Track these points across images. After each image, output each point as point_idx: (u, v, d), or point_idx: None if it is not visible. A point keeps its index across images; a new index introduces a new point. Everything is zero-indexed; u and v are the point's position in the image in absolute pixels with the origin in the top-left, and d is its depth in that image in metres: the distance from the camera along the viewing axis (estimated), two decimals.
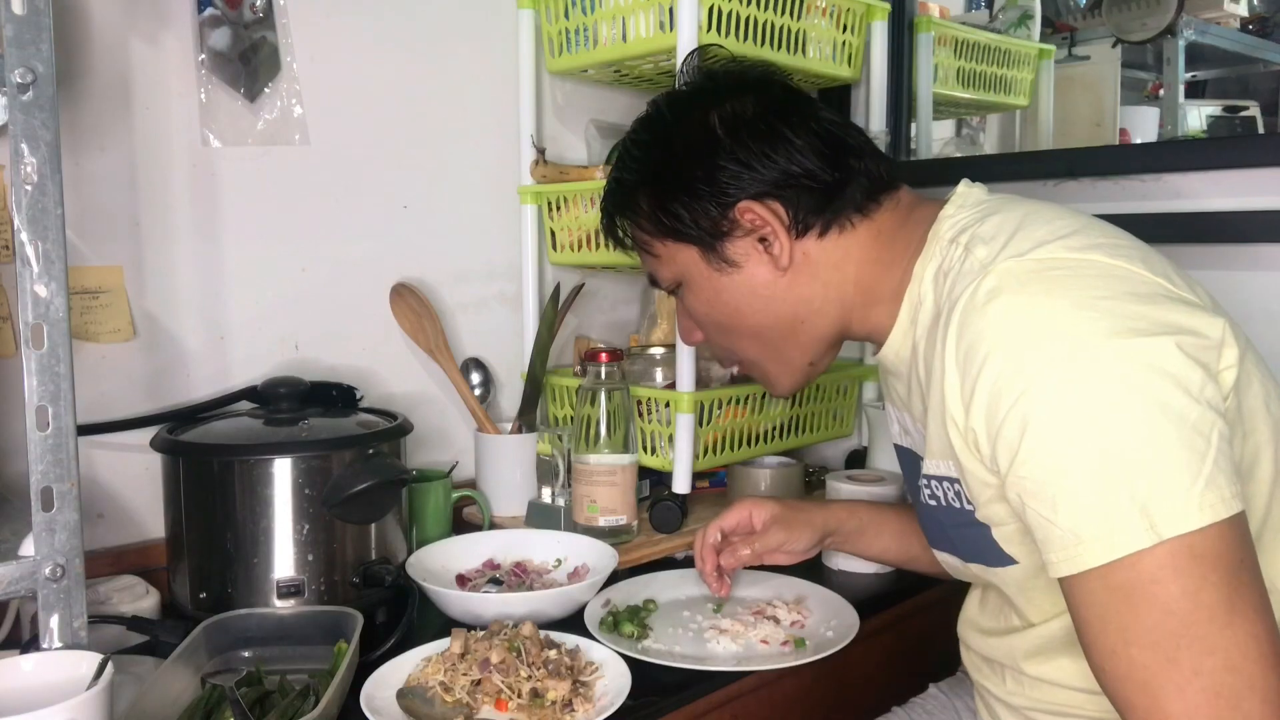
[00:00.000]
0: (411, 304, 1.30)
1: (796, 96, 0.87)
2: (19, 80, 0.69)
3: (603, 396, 1.21)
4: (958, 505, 0.77)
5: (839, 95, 1.57)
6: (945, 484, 0.77)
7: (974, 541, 0.77)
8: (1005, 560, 0.76)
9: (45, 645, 0.75)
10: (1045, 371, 0.62)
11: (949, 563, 0.87)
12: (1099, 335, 0.62)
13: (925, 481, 0.80)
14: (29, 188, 0.71)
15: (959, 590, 1.23)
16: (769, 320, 0.86)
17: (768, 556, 1.02)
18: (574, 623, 0.99)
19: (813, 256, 0.83)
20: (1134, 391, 0.60)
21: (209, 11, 1.13)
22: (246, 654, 0.91)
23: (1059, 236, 0.69)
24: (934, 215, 0.79)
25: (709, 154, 0.82)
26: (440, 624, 0.99)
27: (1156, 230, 0.96)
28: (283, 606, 0.97)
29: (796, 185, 0.81)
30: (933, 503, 0.81)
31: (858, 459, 1.46)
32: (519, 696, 0.83)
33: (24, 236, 0.71)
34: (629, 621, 0.99)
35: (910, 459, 0.89)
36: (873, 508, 1.09)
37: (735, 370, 1.34)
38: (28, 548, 0.74)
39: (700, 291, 0.87)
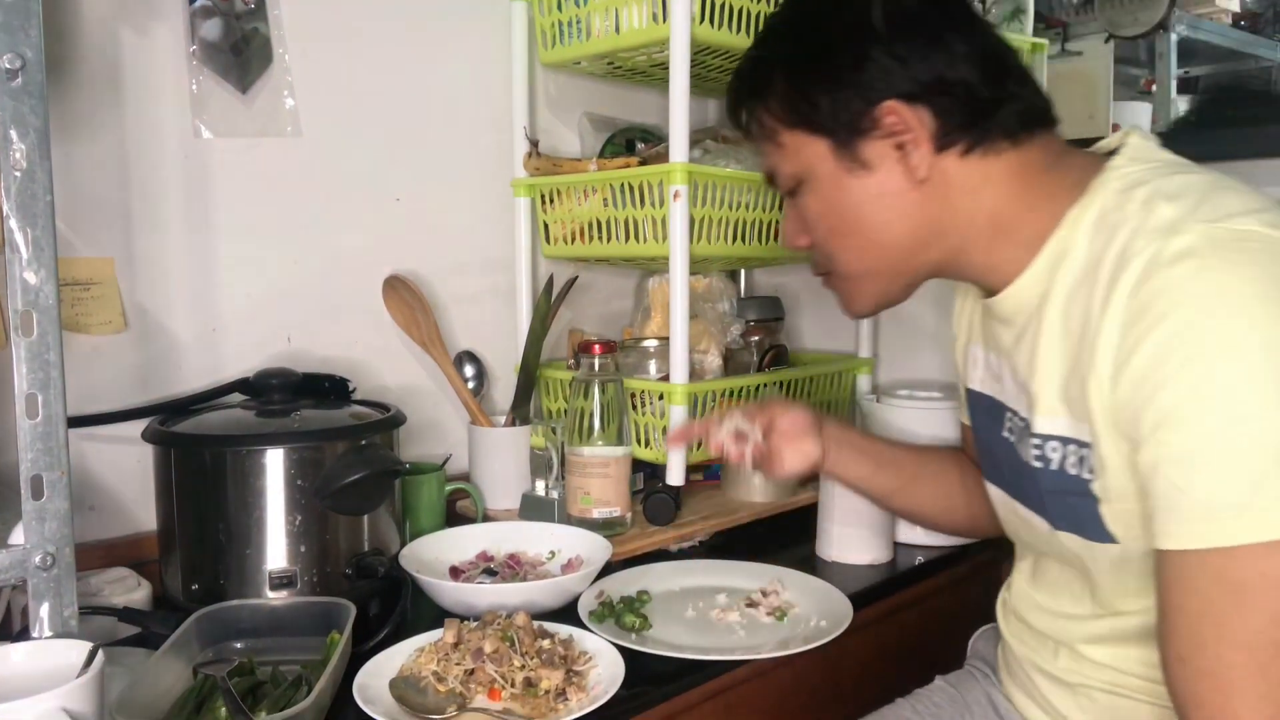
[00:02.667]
0: (405, 296, 1.30)
1: (965, 5, 0.81)
2: (7, 66, 0.69)
3: (596, 389, 1.21)
4: (1074, 472, 0.74)
5: None
6: (1072, 446, 0.74)
7: (1072, 511, 0.75)
8: (1105, 538, 0.73)
9: (36, 634, 0.75)
10: (1224, 341, 0.60)
11: (1034, 524, 0.83)
12: None
13: (1038, 441, 0.77)
14: (18, 174, 0.70)
15: (955, 583, 1.24)
16: (889, 235, 0.80)
17: (776, 438, 1.01)
18: (568, 615, 0.99)
19: (950, 176, 0.77)
20: None
21: (200, 2, 1.13)
22: (239, 645, 0.90)
23: (1252, 210, 0.65)
24: (1092, 164, 0.75)
25: (862, 42, 0.76)
26: (434, 615, 0.98)
27: None
28: (275, 597, 0.97)
29: (949, 94, 0.75)
30: (1038, 464, 0.77)
31: None
32: (512, 686, 0.83)
33: (13, 223, 0.71)
34: (630, 612, 0.99)
35: (993, 408, 0.86)
36: (897, 452, 1.06)
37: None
38: (17, 536, 0.74)
39: (822, 191, 0.81)
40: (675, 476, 1.24)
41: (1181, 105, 1.85)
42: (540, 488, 1.26)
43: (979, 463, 0.94)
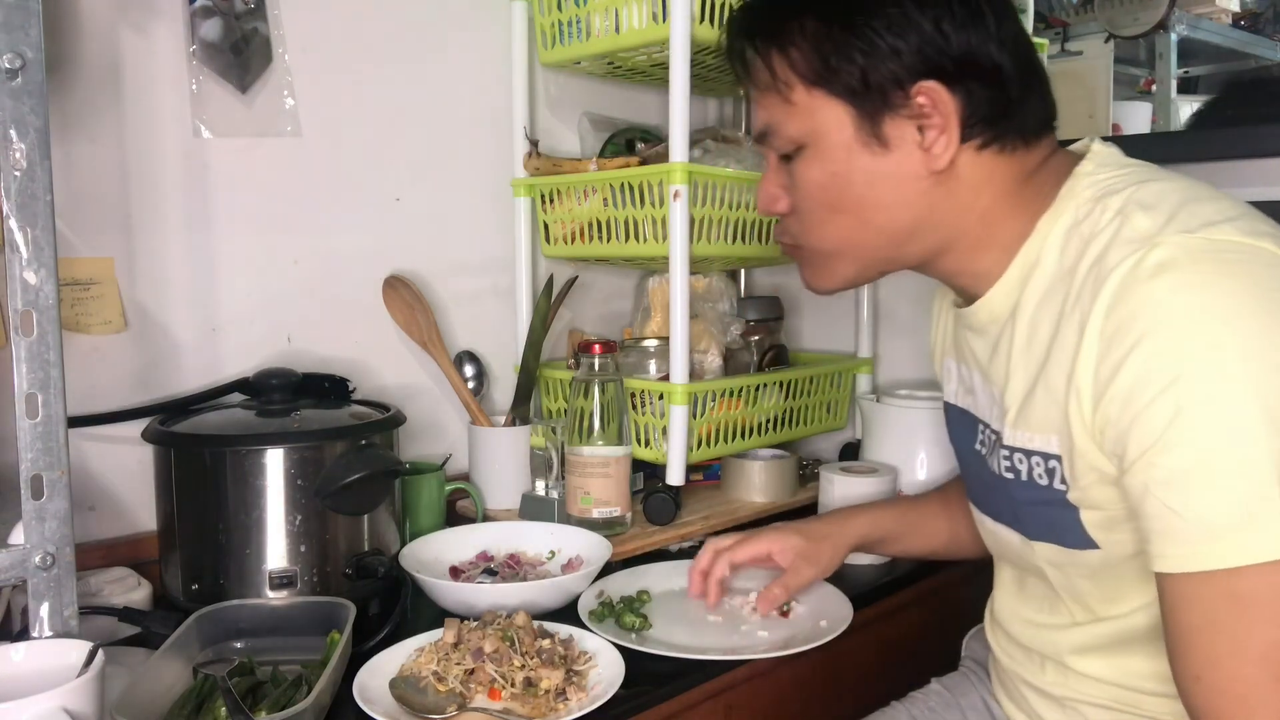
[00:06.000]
0: (404, 296, 1.30)
1: None
2: (7, 65, 0.69)
3: (596, 389, 1.21)
4: (1045, 483, 0.72)
5: None
6: (1037, 459, 0.72)
7: (1050, 521, 0.73)
8: (1087, 544, 0.72)
9: (36, 634, 0.75)
10: (1210, 359, 0.58)
11: (1005, 538, 0.82)
12: (1273, 329, 0.58)
13: (1007, 453, 0.75)
14: (18, 174, 0.70)
15: (952, 582, 1.24)
16: (887, 219, 0.75)
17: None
18: (568, 615, 0.99)
19: (960, 169, 0.73)
20: None
21: (200, 2, 1.13)
22: (239, 645, 0.90)
23: (1228, 218, 0.63)
24: (1063, 169, 0.73)
25: (908, 2, 0.70)
26: (433, 615, 0.98)
27: None
28: (275, 597, 0.97)
29: (983, 81, 0.71)
30: (1009, 475, 0.75)
31: (851, 451, 1.46)
32: (512, 686, 0.83)
33: (12, 223, 0.71)
34: (630, 612, 0.99)
35: (966, 421, 0.85)
36: (898, 514, 1.08)
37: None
38: (17, 536, 0.74)
39: (830, 161, 0.74)
40: (675, 476, 1.24)
41: (1182, 105, 1.85)
42: (540, 488, 1.26)
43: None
